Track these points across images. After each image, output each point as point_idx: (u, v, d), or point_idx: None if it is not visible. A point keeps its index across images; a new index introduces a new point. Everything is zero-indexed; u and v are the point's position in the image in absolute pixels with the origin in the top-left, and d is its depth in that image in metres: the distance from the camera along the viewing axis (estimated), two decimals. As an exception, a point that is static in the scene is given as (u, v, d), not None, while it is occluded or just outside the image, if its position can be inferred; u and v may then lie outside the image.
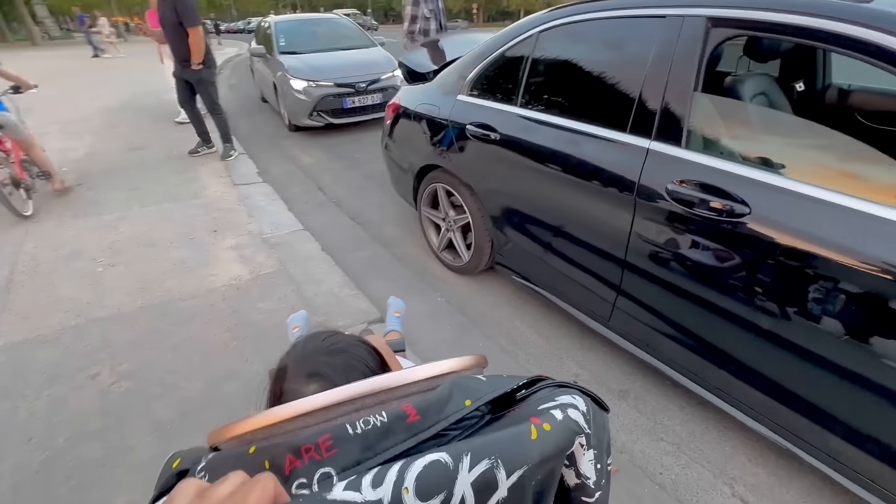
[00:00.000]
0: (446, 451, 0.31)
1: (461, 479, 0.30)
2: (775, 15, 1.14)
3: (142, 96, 7.55)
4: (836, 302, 1.06)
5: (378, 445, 0.33)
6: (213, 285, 2.27)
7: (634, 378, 1.77)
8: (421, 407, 0.35)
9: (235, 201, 3.33)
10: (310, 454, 0.32)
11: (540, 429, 0.35)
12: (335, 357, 0.55)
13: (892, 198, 1.02)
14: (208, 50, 3.95)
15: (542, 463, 0.34)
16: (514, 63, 1.83)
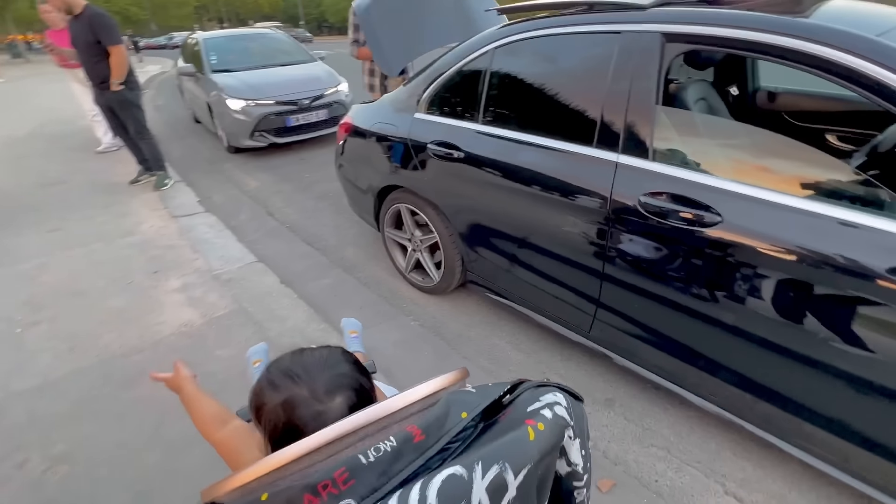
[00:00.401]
0: (459, 463, 0.35)
1: (476, 486, 0.34)
2: (723, 30, 1.19)
3: (52, 123, 6.82)
4: (797, 297, 1.12)
5: (391, 469, 0.35)
6: (160, 335, 2.04)
7: (618, 385, 1.78)
8: (424, 426, 0.38)
9: (176, 236, 3.04)
10: (328, 490, 0.34)
11: (536, 430, 0.39)
12: (338, 368, 0.55)
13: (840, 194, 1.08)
14: (131, 70, 3.64)
15: (541, 460, 0.39)
16: (471, 80, 1.81)
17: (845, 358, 1.08)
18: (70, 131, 6.24)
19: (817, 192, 1.18)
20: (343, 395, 0.53)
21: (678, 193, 1.24)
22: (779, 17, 1.13)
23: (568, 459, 0.46)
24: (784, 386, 1.23)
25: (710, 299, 1.27)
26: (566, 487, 0.47)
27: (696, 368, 1.40)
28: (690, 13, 1.26)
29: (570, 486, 0.47)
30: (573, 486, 0.48)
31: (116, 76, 3.45)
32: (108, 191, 3.95)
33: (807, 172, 1.36)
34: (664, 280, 1.34)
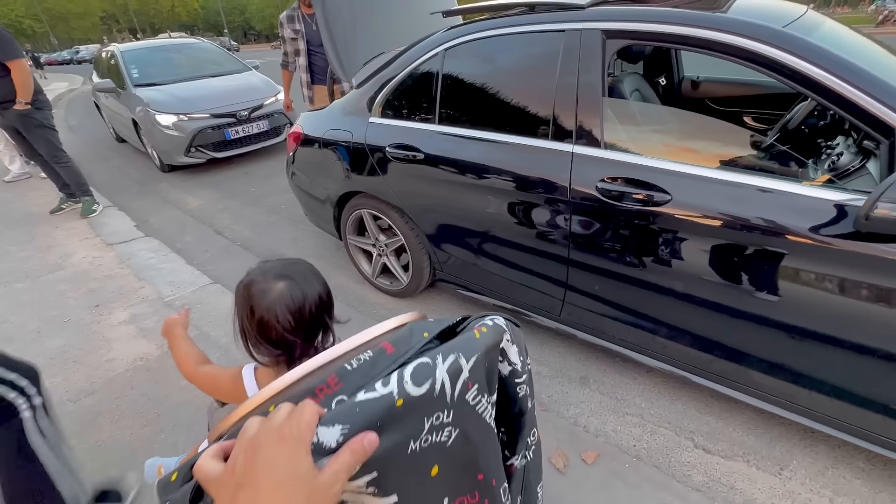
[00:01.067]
0: (426, 356, 0.45)
1: (439, 369, 0.45)
2: (656, 26, 1.31)
3: (-57, 153, 5.99)
4: (734, 259, 1.26)
5: (371, 372, 0.44)
6: (113, 372, 1.88)
7: (589, 363, 1.89)
8: (394, 341, 0.48)
9: (115, 265, 2.81)
10: (323, 391, 0.42)
11: (480, 332, 0.52)
12: (292, 267, 0.79)
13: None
14: (38, 88, 3.30)
15: (487, 351, 0.51)
16: (425, 81, 1.83)
17: (775, 307, 1.23)
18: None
19: (747, 166, 1.33)
20: (286, 282, 0.76)
21: (631, 177, 1.34)
22: (703, 13, 1.26)
23: (508, 360, 0.57)
24: (731, 340, 1.38)
25: (665, 271, 1.38)
26: (510, 383, 0.58)
27: (657, 336, 1.52)
28: (626, 11, 1.37)
29: (513, 381, 0.58)
30: (515, 382, 0.59)
31: (22, 94, 3.11)
32: (26, 223, 3.56)
33: (734, 150, 1.53)
34: (625, 258, 1.45)
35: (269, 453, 0.33)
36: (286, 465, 0.32)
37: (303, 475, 0.32)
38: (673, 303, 1.42)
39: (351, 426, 0.37)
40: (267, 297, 0.76)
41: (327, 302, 0.82)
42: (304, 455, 0.33)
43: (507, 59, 1.65)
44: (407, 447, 0.43)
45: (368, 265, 2.44)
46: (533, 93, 1.57)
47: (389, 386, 0.41)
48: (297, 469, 0.32)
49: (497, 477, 0.56)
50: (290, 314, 0.77)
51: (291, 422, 0.34)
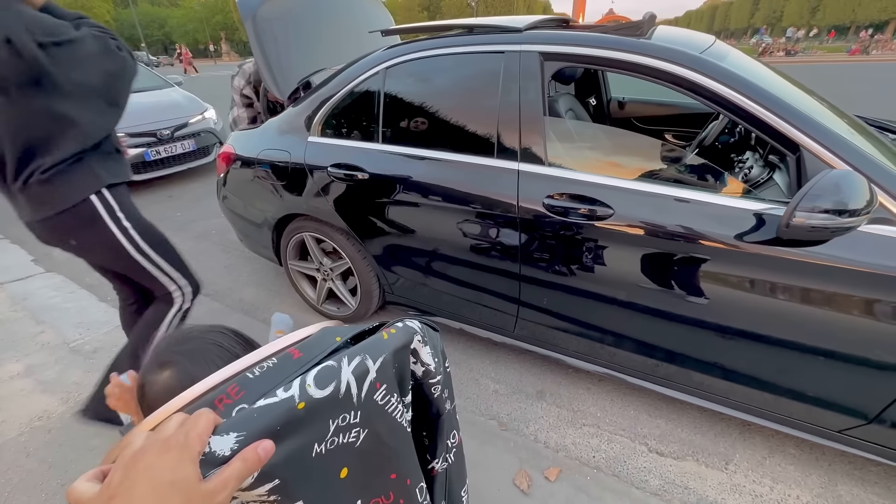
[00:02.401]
0: (332, 359, 0.45)
1: (344, 370, 0.44)
2: (590, 49, 1.38)
3: None
4: (665, 266, 1.34)
5: (276, 379, 0.43)
6: (2, 438, 1.57)
7: (544, 377, 1.90)
8: (301, 347, 0.47)
9: (7, 307, 2.41)
10: (223, 402, 0.40)
11: (389, 333, 0.52)
12: (184, 345, 0.62)
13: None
14: None
15: (395, 352, 0.51)
16: (366, 100, 1.79)
17: (705, 310, 1.32)
18: None
19: (679, 180, 1.43)
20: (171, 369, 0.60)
21: (575, 193, 1.38)
22: (631, 39, 1.34)
23: (421, 360, 0.56)
24: (671, 344, 1.45)
25: (610, 281, 1.43)
26: (425, 384, 0.58)
27: (606, 345, 1.57)
28: (562, 35, 1.43)
29: (428, 383, 0.58)
30: (430, 383, 0.59)
31: None
32: None
33: (663, 164, 1.63)
34: (573, 271, 1.48)
35: (150, 462, 0.31)
36: (166, 472, 0.31)
37: (183, 481, 0.31)
38: (618, 311, 1.47)
39: (247, 433, 0.37)
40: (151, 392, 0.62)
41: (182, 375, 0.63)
42: (189, 463, 0.32)
43: (450, 78, 1.65)
44: (311, 450, 0.42)
45: (313, 291, 2.30)
46: (476, 112, 1.59)
47: (291, 390, 0.41)
48: (176, 476, 0.31)
49: (412, 476, 0.56)
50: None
51: (180, 431, 0.33)
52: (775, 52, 23.51)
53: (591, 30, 1.53)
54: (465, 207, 1.58)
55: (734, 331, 1.31)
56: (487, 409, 1.75)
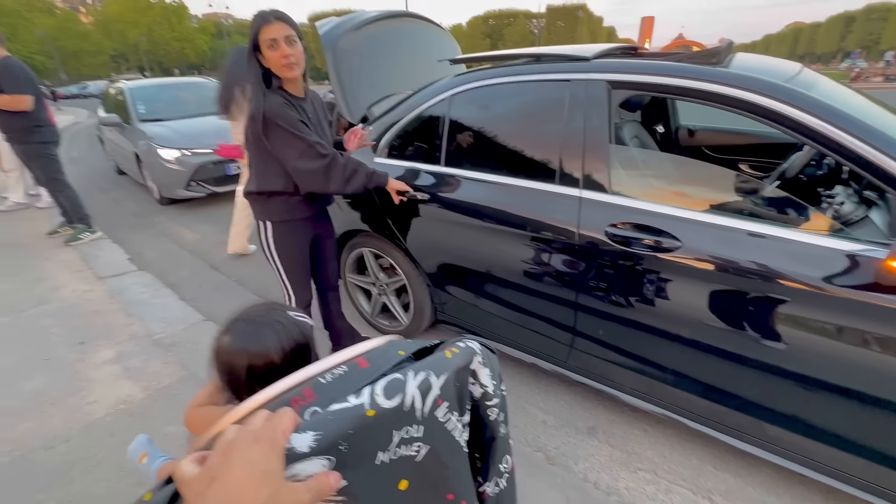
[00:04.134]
0: (398, 372, 0.49)
1: (410, 384, 0.47)
2: (661, 78, 1.35)
3: (-61, 182, 5.97)
4: (742, 306, 1.24)
5: (345, 386, 0.47)
6: (92, 417, 1.76)
7: (597, 412, 1.81)
8: (369, 358, 0.51)
9: (105, 299, 2.72)
10: (298, 403, 0.45)
11: (452, 352, 0.54)
12: (249, 319, 0.73)
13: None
14: (39, 119, 3.40)
15: (458, 371, 0.53)
16: (431, 125, 1.86)
17: (785, 356, 1.20)
18: (-38, 190, 5.49)
19: (756, 214, 1.34)
20: (229, 336, 0.72)
21: (640, 223, 1.33)
22: (707, 67, 1.30)
23: (480, 382, 0.58)
24: (742, 390, 1.33)
25: (674, 316, 1.35)
26: (481, 406, 0.59)
27: (667, 385, 1.47)
28: (632, 64, 1.42)
29: (485, 405, 0.59)
30: (487, 405, 0.60)
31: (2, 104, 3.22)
32: (15, 254, 3.48)
33: (738, 196, 1.54)
34: (633, 303, 1.42)
35: (244, 452, 0.35)
36: (258, 462, 0.34)
37: (272, 473, 0.35)
38: (681, 349, 1.38)
39: (324, 433, 0.40)
40: (217, 350, 0.73)
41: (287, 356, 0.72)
42: (277, 457, 0.36)
43: (514, 105, 1.68)
44: (375, 457, 0.44)
45: (368, 304, 2.38)
46: (539, 138, 1.60)
47: (361, 398, 0.44)
48: (266, 467, 0.35)
49: (468, 499, 0.57)
50: (230, 365, 0.71)
51: (268, 426, 0.37)
52: (871, 77, 21.44)
53: (663, 58, 1.50)
54: (522, 231, 1.58)
55: (819, 383, 1.18)
56: (534, 440, 1.70)
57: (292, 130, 1.44)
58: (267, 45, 1.39)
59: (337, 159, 1.52)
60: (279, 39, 1.39)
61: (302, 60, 1.46)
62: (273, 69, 1.45)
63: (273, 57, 1.41)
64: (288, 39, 1.40)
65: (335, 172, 1.51)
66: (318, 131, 1.61)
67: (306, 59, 1.49)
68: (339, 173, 1.52)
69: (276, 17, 1.39)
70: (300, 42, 1.44)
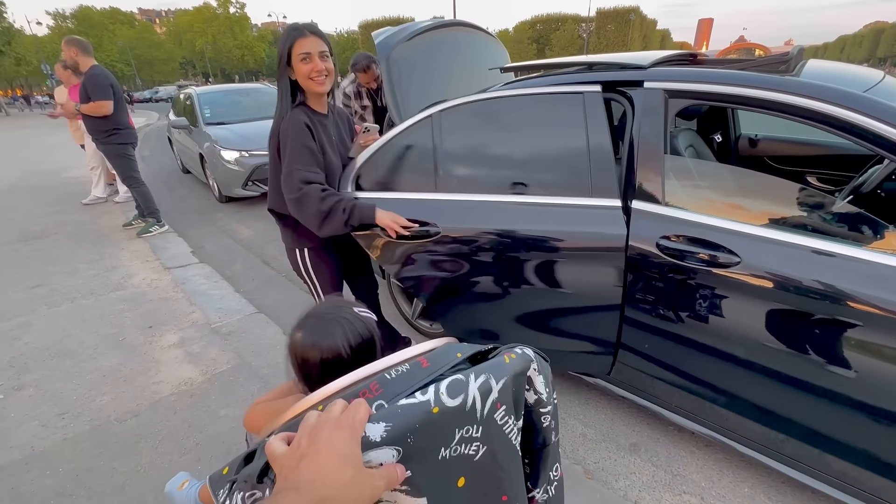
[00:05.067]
0: (461, 373, 0.51)
1: (471, 386, 0.49)
2: (724, 88, 1.30)
3: (35, 176, 6.73)
4: (807, 330, 1.16)
5: (408, 382, 0.50)
6: (158, 395, 1.92)
7: (640, 429, 1.75)
8: (429, 357, 0.54)
9: (171, 288, 2.96)
10: (365, 395, 0.48)
11: (510, 357, 0.56)
12: (319, 316, 0.79)
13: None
14: (118, 121, 3.77)
15: (515, 376, 0.55)
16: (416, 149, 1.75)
17: (855, 385, 1.11)
18: (52, 184, 6.15)
19: (820, 230, 1.26)
20: (301, 332, 0.77)
21: (695, 236, 1.29)
22: (776, 77, 1.24)
23: (534, 388, 0.60)
24: (803, 418, 1.24)
25: (728, 334, 1.29)
26: (535, 412, 0.61)
27: (718, 406, 1.40)
28: (691, 73, 1.37)
29: (538, 411, 0.61)
30: (540, 412, 0.62)
31: (85, 110, 3.61)
32: (96, 243, 3.85)
33: (801, 210, 1.45)
34: (684, 318, 1.37)
35: (329, 435, 0.39)
36: (342, 446, 0.38)
37: (354, 457, 0.39)
38: (736, 370, 1.31)
39: (394, 425, 0.43)
40: (291, 344, 0.79)
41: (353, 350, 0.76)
42: (356, 442, 0.40)
43: (535, 118, 1.59)
44: (438, 453, 0.47)
45: (409, 306, 2.43)
46: (580, 151, 1.55)
47: (427, 395, 0.47)
48: (349, 450, 0.39)
49: (520, 502, 0.59)
50: (304, 359, 0.76)
51: (347, 414, 0.41)
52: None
53: (725, 65, 1.45)
54: (559, 244, 1.52)
55: (893, 416, 1.09)
56: (573, 453, 1.67)
57: (292, 149, 1.42)
58: (300, 58, 1.39)
59: (309, 196, 1.41)
60: (313, 54, 1.39)
61: (332, 76, 1.46)
62: (301, 83, 1.44)
63: (304, 70, 1.40)
64: (322, 55, 1.40)
65: (306, 209, 1.43)
66: (340, 149, 1.63)
67: (335, 75, 1.50)
68: (309, 210, 1.43)
69: (311, 31, 1.40)
70: (331, 58, 1.44)
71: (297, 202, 1.44)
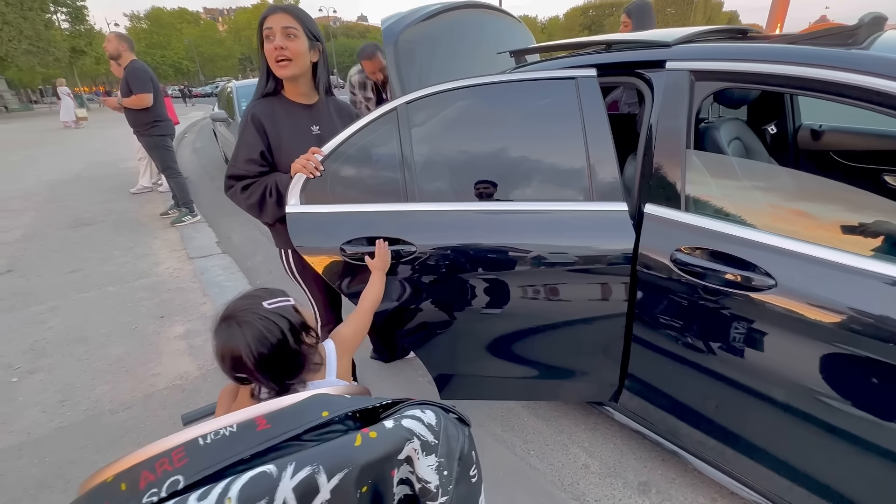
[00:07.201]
0: (274, 463, 0.37)
1: (283, 486, 0.36)
2: (764, 66, 1.05)
3: (97, 166, 7.26)
4: (864, 376, 0.90)
5: (226, 452, 0.39)
6: (152, 389, 1.93)
7: (653, 465, 1.52)
8: (270, 417, 0.41)
9: (189, 278, 3.02)
10: (163, 467, 0.38)
11: (366, 437, 0.40)
12: (231, 318, 0.75)
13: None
14: (158, 114, 3.91)
15: (367, 466, 0.39)
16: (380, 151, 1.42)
17: None
18: (111, 174, 6.59)
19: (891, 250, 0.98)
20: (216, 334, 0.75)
21: (720, 250, 1.05)
22: (837, 50, 0.97)
23: (417, 476, 0.44)
24: (859, 485, 0.98)
25: (759, 372, 1.05)
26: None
27: (747, 457, 1.16)
28: (723, 49, 1.13)
29: None
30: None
31: (127, 103, 3.77)
32: (134, 231, 4.04)
33: (872, 223, 1.15)
34: (696, 346, 1.14)
35: None
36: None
37: None
38: (769, 415, 1.07)
39: None
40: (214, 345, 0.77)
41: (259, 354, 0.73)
42: None
43: (549, 107, 1.31)
44: None
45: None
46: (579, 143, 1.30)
47: (205, 502, 0.34)
48: None
49: None
50: (221, 361, 0.75)
51: None
52: None
53: (776, 40, 1.18)
54: (560, 259, 1.30)
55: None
56: (572, 486, 1.48)
57: (235, 145, 1.35)
58: (265, 35, 1.26)
59: (235, 193, 1.37)
60: (275, 29, 1.23)
61: (299, 59, 1.28)
62: (270, 66, 1.29)
63: (267, 50, 1.26)
64: (285, 31, 1.24)
65: (241, 204, 1.40)
66: (321, 145, 1.45)
67: (323, 65, 1.36)
68: (243, 205, 1.39)
69: (280, 9, 1.26)
70: (307, 41, 1.28)
71: (232, 199, 1.40)
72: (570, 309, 1.33)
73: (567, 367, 1.45)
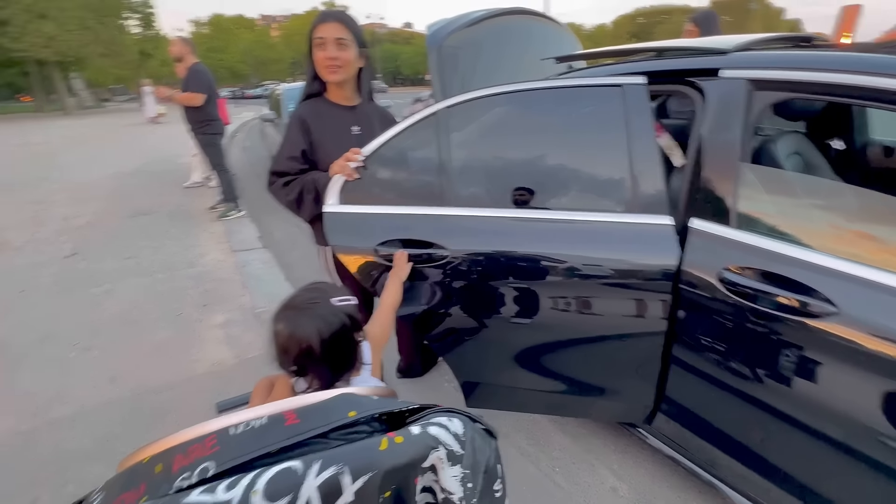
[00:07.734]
0: (301, 459, 0.37)
1: (308, 483, 0.36)
2: (827, 75, 0.97)
3: (157, 161, 7.76)
4: None
5: (255, 443, 0.39)
6: (193, 373, 2.03)
7: (688, 497, 1.44)
8: (300, 412, 0.42)
9: (232, 270, 3.16)
10: (195, 453, 0.39)
11: (391, 441, 0.40)
12: (297, 308, 0.80)
13: None
14: (209, 114, 4.14)
15: (391, 471, 0.39)
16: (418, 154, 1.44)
17: None
18: (169, 168, 7.03)
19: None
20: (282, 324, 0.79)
21: (775, 272, 0.98)
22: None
23: (441, 486, 0.43)
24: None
25: (815, 407, 0.97)
26: None
27: (795, 497, 1.06)
28: (784, 57, 1.06)
29: None
30: None
31: (180, 99, 4.01)
32: (185, 222, 4.29)
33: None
34: (750, 375, 1.06)
35: None
36: None
37: None
38: (822, 454, 0.98)
39: None
40: (275, 337, 0.81)
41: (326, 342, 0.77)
42: None
43: (593, 115, 1.27)
44: None
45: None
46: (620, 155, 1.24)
47: (232, 492, 0.34)
48: None
49: None
50: (285, 349, 0.78)
51: None
52: None
53: (842, 49, 1.09)
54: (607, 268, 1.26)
55: None
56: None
57: (280, 143, 1.43)
58: (316, 43, 1.34)
59: (276, 188, 1.44)
60: (327, 39, 1.32)
61: (348, 66, 1.37)
62: (318, 71, 1.38)
63: (318, 57, 1.35)
64: (338, 42, 1.33)
65: (281, 201, 1.47)
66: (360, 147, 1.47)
67: (368, 71, 1.44)
68: (282, 201, 1.46)
69: (333, 18, 1.34)
70: (356, 49, 1.37)
71: (273, 195, 1.47)
72: (604, 324, 1.28)
73: (598, 385, 1.40)
